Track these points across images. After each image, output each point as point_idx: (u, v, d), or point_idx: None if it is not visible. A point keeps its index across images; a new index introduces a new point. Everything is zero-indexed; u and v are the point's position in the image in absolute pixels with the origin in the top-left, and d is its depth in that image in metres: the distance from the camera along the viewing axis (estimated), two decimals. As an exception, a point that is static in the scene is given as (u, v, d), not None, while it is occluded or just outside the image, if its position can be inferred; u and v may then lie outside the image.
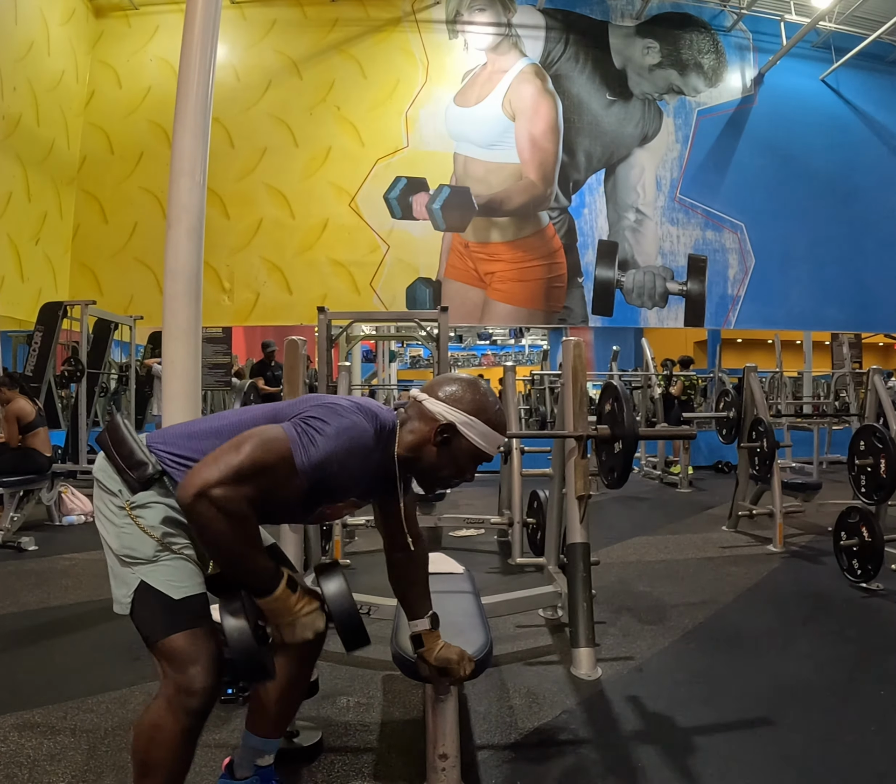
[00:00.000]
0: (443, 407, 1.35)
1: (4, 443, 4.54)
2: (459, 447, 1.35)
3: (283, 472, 1.21)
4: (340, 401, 1.33)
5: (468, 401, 1.35)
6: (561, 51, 8.17)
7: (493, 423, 1.36)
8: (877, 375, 4.11)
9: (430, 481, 1.44)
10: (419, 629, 1.52)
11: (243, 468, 1.16)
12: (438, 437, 1.34)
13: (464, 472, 1.41)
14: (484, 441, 1.36)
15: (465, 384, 1.38)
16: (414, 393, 1.40)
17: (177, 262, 3.30)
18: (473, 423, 1.34)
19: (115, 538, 1.32)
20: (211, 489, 1.13)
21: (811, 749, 1.83)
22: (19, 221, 6.84)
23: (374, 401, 1.41)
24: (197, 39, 3.37)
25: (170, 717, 1.23)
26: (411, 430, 1.36)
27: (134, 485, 1.32)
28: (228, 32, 7.29)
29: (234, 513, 1.15)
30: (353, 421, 1.27)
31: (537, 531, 3.86)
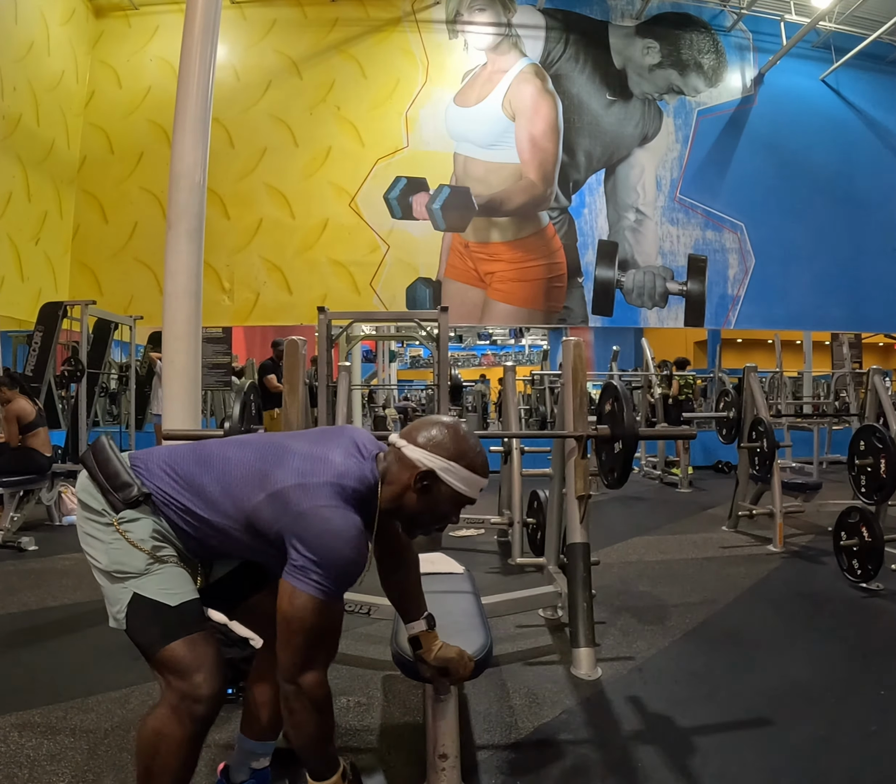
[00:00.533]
0: (421, 453, 1.33)
1: (4, 443, 4.53)
2: (440, 493, 1.34)
3: (330, 618, 1.27)
4: (319, 493, 1.25)
5: (448, 446, 1.33)
6: (561, 51, 8.16)
7: (473, 467, 1.34)
8: (877, 375, 4.11)
9: (412, 527, 1.44)
10: (416, 631, 1.53)
11: (313, 651, 1.24)
12: (418, 485, 1.32)
13: (447, 517, 1.40)
14: (465, 486, 1.34)
15: (444, 428, 1.36)
16: (393, 439, 1.38)
17: (177, 262, 3.31)
18: (453, 469, 1.32)
19: (104, 554, 1.32)
20: (297, 678, 1.23)
21: (811, 749, 1.83)
22: (19, 221, 6.83)
23: (352, 449, 1.36)
24: (197, 39, 3.37)
25: (175, 724, 1.23)
26: (391, 481, 1.34)
27: (118, 505, 1.32)
28: (228, 32, 7.28)
29: (322, 702, 1.26)
30: (342, 527, 1.24)
31: (537, 531, 3.85)
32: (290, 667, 1.23)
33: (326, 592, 1.22)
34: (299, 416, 2.61)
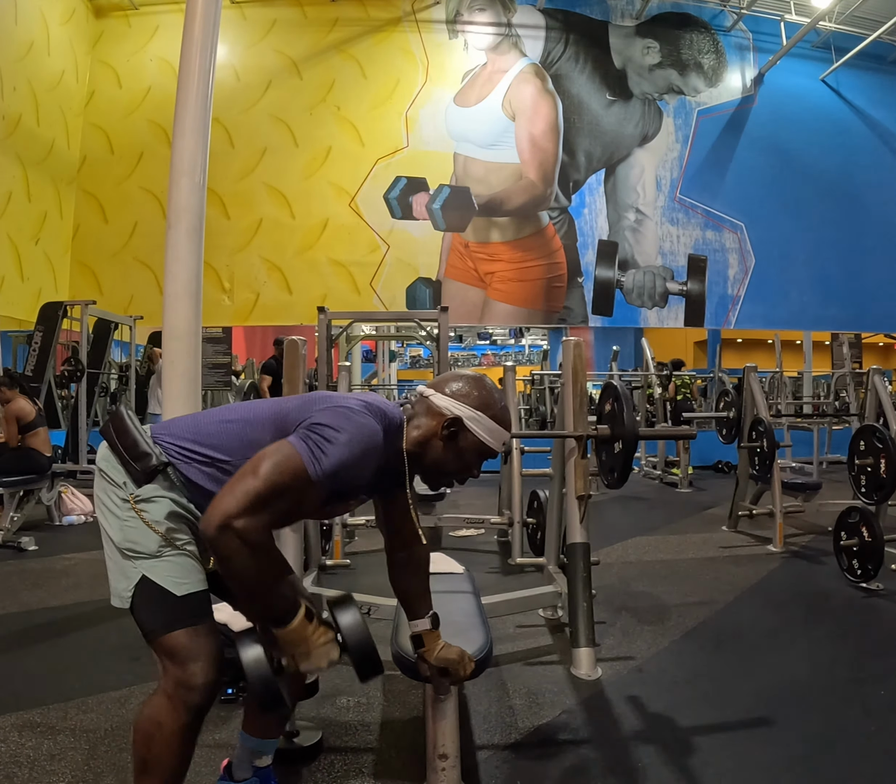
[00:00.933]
0: (449, 402, 1.36)
1: (4, 443, 4.54)
2: (465, 442, 1.36)
3: (300, 489, 1.20)
4: (349, 401, 1.31)
5: (475, 396, 1.36)
6: (561, 51, 8.16)
7: (498, 418, 1.37)
8: (877, 375, 4.11)
9: (435, 476, 1.44)
10: (419, 629, 1.52)
11: (261, 495, 1.15)
12: (445, 431, 1.35)
13: (470, 468, 1.41)
14: (490, 436, 1.36)
15: (472, 380, 1.39)
16: (421, 389, 1.41)
17: (177, 262, 3.30)
18: (480, 418, 1.35)
19: (118, 531, 1.31)
20: (233, 521, 1.11)
21: (811, 749, 1.83)
22: (19, 221, 6.84)
23: (381, 397, 1.41)
24: (197, 39, 3.37)
25: (170, 713, 1.22)
26: (418, 425, 1.37)
27: (138, 476, 1.30)
28: (228, 32, 7.29)
29: (258, 544, 1.14)
30: (362, 423, 1.26)
31: (537, 531, 3.86)
32: (229, 507, 1.12)
33: (314, 462, 1.18)
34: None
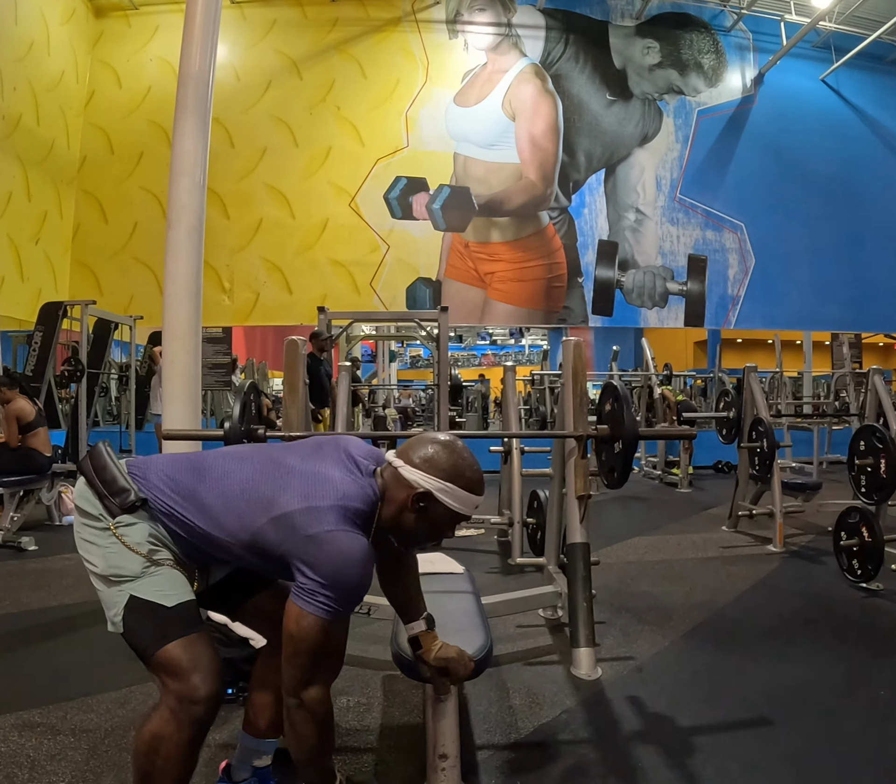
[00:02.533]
0: (419, 475, 1.33)
1: (4, 443, 4.53)
2: (437, 512, 1.35)
3: (336, 636, 1.30)
4: (327, 519, 1.26)
5: (444, 466, 1.34)
6: (561, 51, 8.16)
7: (469, 486, 1.35)
8: (877, 375, 4.11)
9: (409, 543, 1.48)
10: (415, 631, 1.53)
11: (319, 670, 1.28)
12: (415, 505, 1.34)
13: (443, 533, 1.41)
14: (460, 504, 1.35)
15: (440, 447, 1.36)
16: (390, 458, 1.39)
17: (177, 262, 3.30)
18: (450, 490, 1.33)
19: (101, 559, 1.32)
20: (300, 694, 1.26)
21: (811, 749, 1.83)
22: (19, 221, 6.83)
23: (349, 465, 1.36)
24: (197, 39, 3.37)
25: (174, 728, 1.23)
26: (389, 498, 1.36)
27: (115, 511, 1.32)
28: (228, 32, 7.29)
29: (324, 717, 1.30)
30: (351, 550, 1.25)
31: (537, 531, 3.85)
32: (294, 682, 1.26)
33: (333, 613, 1.24)
34: (299, 416, 2.61)
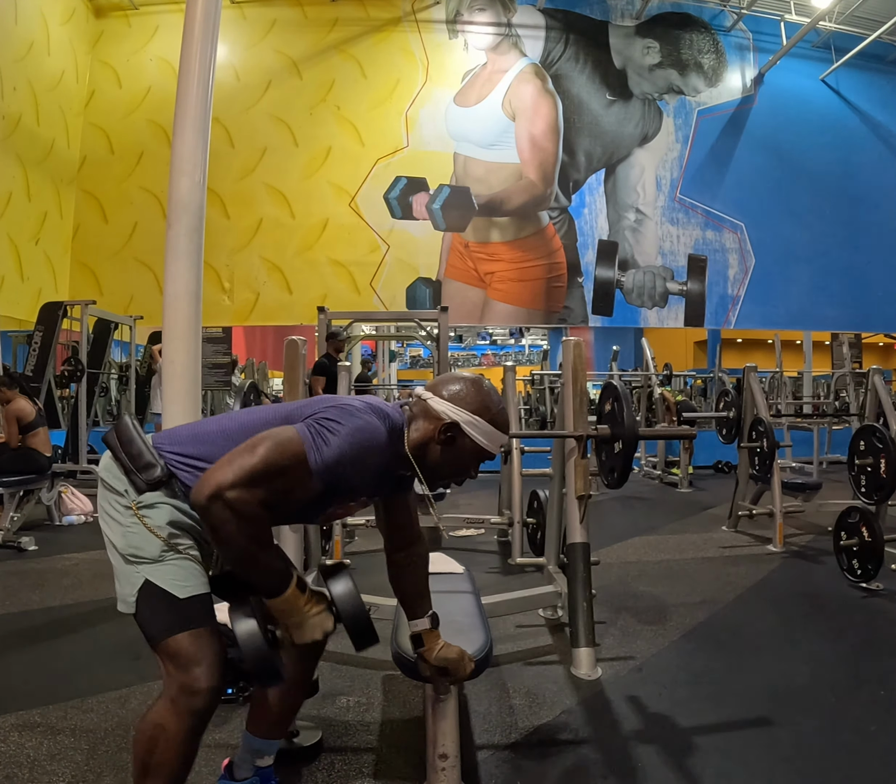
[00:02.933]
0: (447, 406, 1.35)
1: (4, 443, 4.53)
2: (463, 445, 1.36)
3: (297, 474, 1.21)
4: (353, 401, 1.33)
5: (472, 400, 1.36)
6: (561, 51, 8.16)
7: (496, 422, 1.37)
8: (877, 375, 4.11)
9: (433, 478, 1.44)
10: (419, 629, 1.52)
11: (257, 470, 1.17)
12: (442, 436, 1.34)
13: (467, 470, 1.42)
14: (487, 439, 1.36)
15: (469, 383, 1.39)
16: (419, 391, 1.40)
17: (177, 262, 3.30)
18: (477, 423, 1.35)
19: (121, 537, 1.31)
20: (225, 491, 1.14)
21: (811, 749, 1.83)
22: (19, 221, 6.84)
23: (381, 400, 1.41)
24: (197, 39, 3.37)
25: (173, 717, 1.22)
26: (416, 428, 1.37)
27: (141, 486, 1.31)
28: (228, 32, 7.29)
29: (248, 515, 1.16)
30: (365, 421, 1.28)
31: (537, 531, 3.85)
32: (223, 478, 1.14)
33: (314, 450, 1.20)
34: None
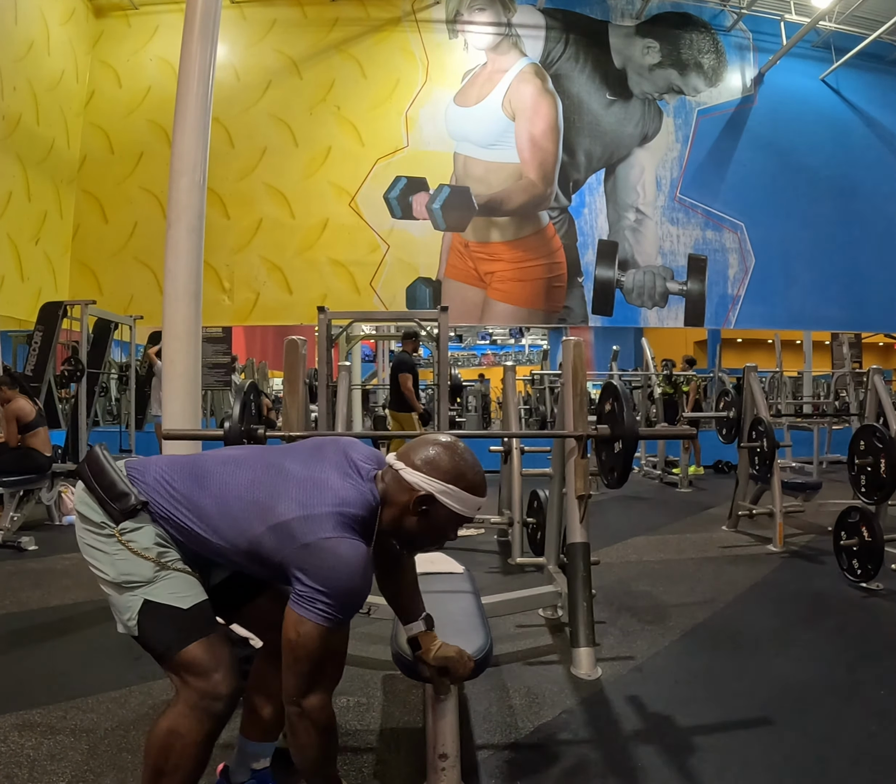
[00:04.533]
0: (420, 477, 1.32)
1: (4, 443, 4.53)
2: (439, 515, 1.34)
3: (337, 644, 1.29)
4: (324, 524, 1.25)
5: (445, 468, 1.33)
6: (561, 50, 8.16)
7: (471, 488, 1.35)
8: (877, 375, 4.11)
9: (411, 546, 1.47)
10: (415, 632, 1.53)
11: (319, 678, 1.26)
12: (417, 508, 1.33)
13: (445, 536, 1.41)
14: (463, 506, 1.34)
15: (441, 448, 1.35)
16: (390, 460, 1.37)
17: (177, 262, 3.31)
18: (452, 491, 1.33)
19: (110, 566, 1.32)
20: (301, 702, 1.25)
21: (811, 749, 1.83)
22: (19, 221, 6.83)
23: (348, 470, 1.35)
24: (197, 39, 3.38)
25: (193, 723, 1.25)
26: (390, 502, 1.35)
27: (117, 516, 1.32)
28: (228, 32, 7.28)
29: (326, 727, 1.28)
30: (350, 557, 1.24)
31: (537, 531, 3.85)
32: (295, 690, 1.25)
33: (332, 620, 1.23)
34: (299, 416, 2.61)
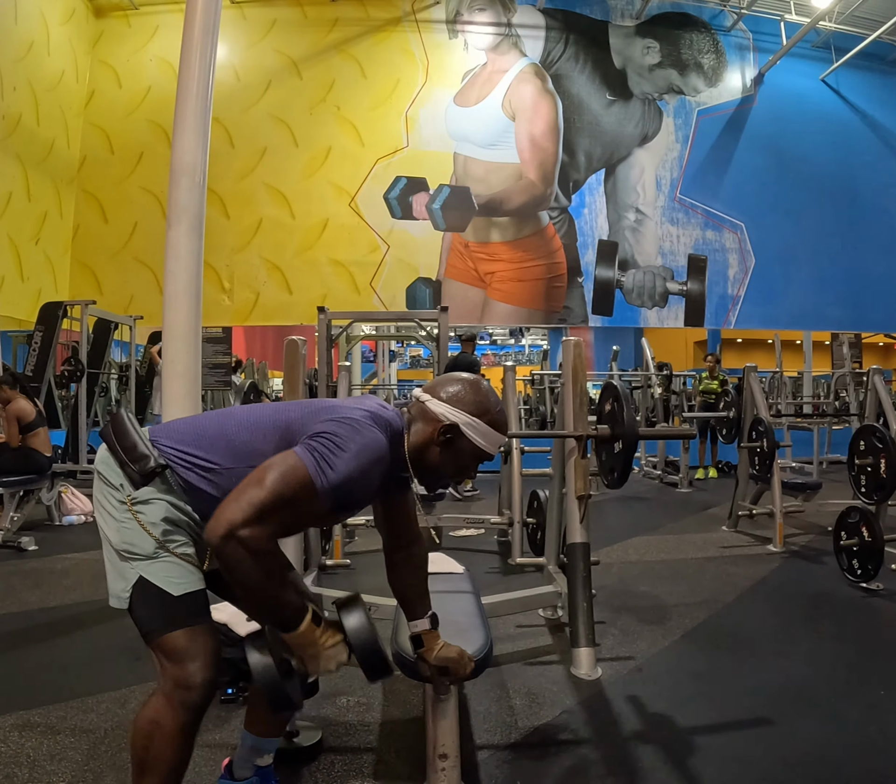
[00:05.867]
0: (445, 408, 1.35)
1: (4, 443, 4.53)
2: (461, 447, 1.36)
3: (305, 499, 1.19)
4: (353, 412, 1.30)
5: (470, 401, 1.36)
6: (561, 51, 8.16)
7: (494, 423, 1.37)
8: (877, 375, 4.11)
9: (432, 480, 1.45)
10: (419, 629, 1.52)
11: (266, 504, 1.15)
12: (441, 438, 1.34)
13: (466, 471, 1.42)
14: (485, 441, 1.36)
15: (467, 384, 1.39)
16: (417, 393, 1.40)
17: (177, 262, 3.31)
18: (476, 424, 1.35)
19: (115, 532, 1.32)
20: (237, 530, 1.12)
21: (811, 749, 1.83)
22: (19, 221, 6.83)
23: (380, 402, 1.40)
24: (197, 39, 3.37)
25: (168, 712, 1.23)
26: (415, 431, 1.37)
27: (136, 478, 1.30)
28: (228, 32, 7.28)
29: (263, 552, 1.15)
30: (368, 436, 1.26)
31: (537, 531, 3.85)
32: (234, 517, 1.12)
33: (320, 475, 1.19)
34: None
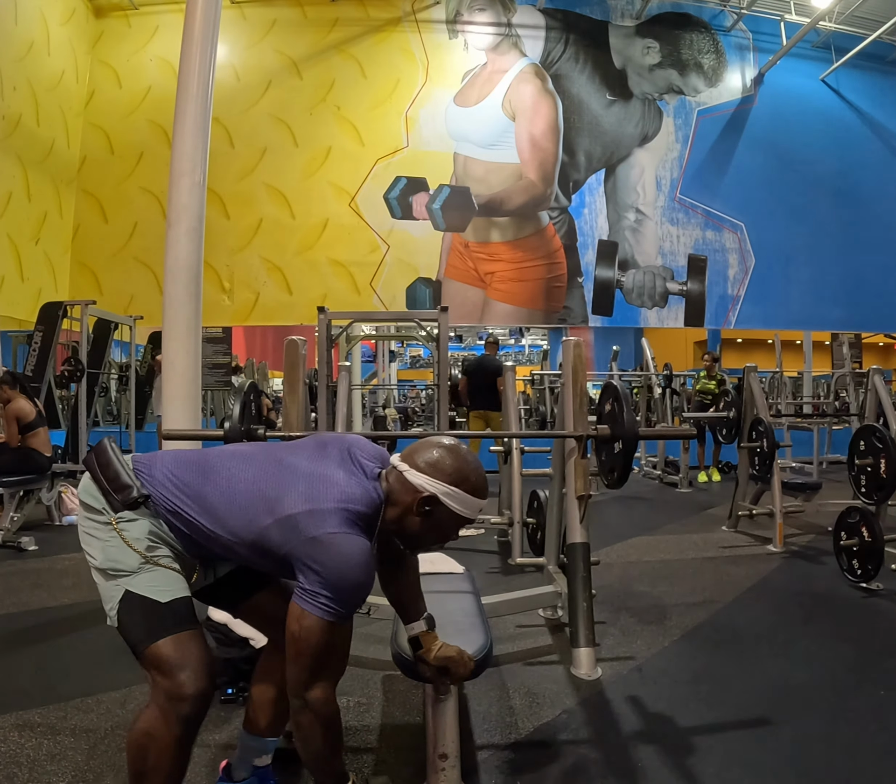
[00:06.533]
0: (424, 479, 1.35)
1: (4, 443, 4.53)
2: (441, 516, 1.36)
3: (339, 637, 1.30)
4: (330, 518, 1.27)
5: (448, 470, 1.35)
6: (561, 51, 8.16)
7: (474, 490, 1.37)
8: (877, 375, 4.11)
9: (413, 546, 1.49)
10: (416, 631, 1.53)
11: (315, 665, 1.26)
12: (421, 509, 1.35)
13: (448, 536, 1.43)
14: (465, 508, 1.36)
15: (445, 451, 1.38)
16: (395, 461, 1.39)
17: (177, 262, 3.31)
18: (454, 493, 1.35)
19: (100, 552, 1.33)
20: (306, 695, 1.26)
21: (811, 749, 1.83)
22: (19, 221, 6.83)
23: (354, 467, 1.37)
24: (197, 39, 3.38)
25: (162, 725, 1.22)
26: (394, 502, 1.37)
27: (117, 506, 1.33)
28: (228, 32, 7.27)
29: (328, 716, 1.29)
30: (354, 551, 1.26)
31: (537, 531, 3.85)
32: (298, 683, 1.26)
33: (335, 614, 1.25)
34: (299, 416, 2.61)
